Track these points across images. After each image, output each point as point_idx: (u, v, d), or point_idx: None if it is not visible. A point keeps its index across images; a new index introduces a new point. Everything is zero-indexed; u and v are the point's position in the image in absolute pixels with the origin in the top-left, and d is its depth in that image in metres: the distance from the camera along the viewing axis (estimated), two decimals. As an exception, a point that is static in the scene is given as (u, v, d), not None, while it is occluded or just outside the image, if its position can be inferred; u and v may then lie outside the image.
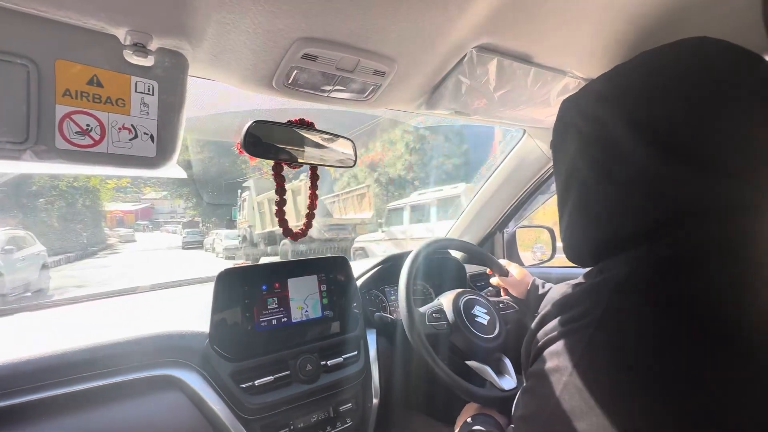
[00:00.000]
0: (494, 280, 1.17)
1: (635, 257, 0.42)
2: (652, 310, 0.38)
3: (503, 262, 1.13)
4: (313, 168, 0.87)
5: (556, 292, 0.52)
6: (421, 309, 0.95)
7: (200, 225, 20.59)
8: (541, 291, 1.04)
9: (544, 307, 0.50)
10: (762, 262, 0.38)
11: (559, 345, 0.42)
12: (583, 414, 0.37)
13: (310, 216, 0.91)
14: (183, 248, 15.88)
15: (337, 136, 0.87)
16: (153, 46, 0.52)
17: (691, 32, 0.71)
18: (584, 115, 0.48)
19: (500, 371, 0.93)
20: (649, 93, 0.42)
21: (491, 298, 1.07)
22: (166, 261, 12.52)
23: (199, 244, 15.93)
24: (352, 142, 0.90)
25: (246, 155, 0.75)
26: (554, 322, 0.44)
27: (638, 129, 0.41)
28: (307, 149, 0.84)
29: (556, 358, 0.42)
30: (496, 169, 1.37)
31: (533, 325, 0.50)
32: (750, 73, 0.39)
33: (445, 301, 0.99)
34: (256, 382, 0.82)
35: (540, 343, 0.46)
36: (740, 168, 0.38)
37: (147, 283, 1.26)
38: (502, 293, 1.17)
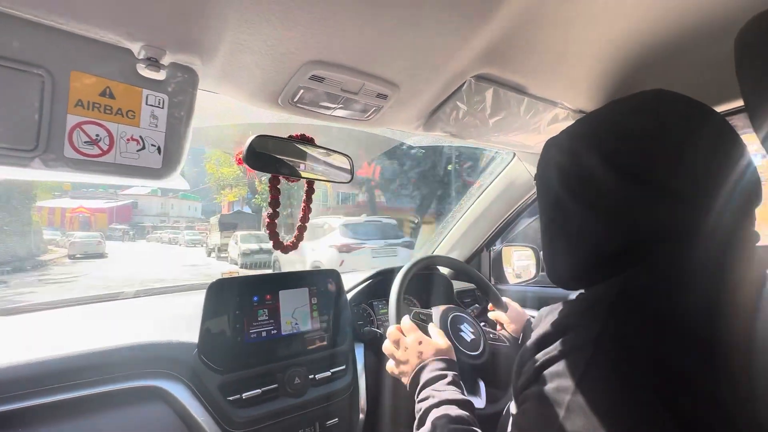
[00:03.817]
0: (493, 315, 1.16)
1: (622, 281, 0.46)
2: (644, 329, 0.41)
3: (505, 299, 1.14)
4: (310, 182, 0.89)
5: (548, 312, 0.54)
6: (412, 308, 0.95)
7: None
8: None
9: (539, 326, 0.51)
10: (728, 281, 0.43)
11: (559, 366, 0.43)
12: (594, 430, 0.38)
13: (301, 228, 0.92)
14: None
15: (335, 152, 0.89)
16: (165, 60, 0.54)
17: (666, 76, 0.78)
18: (564, 152, 0.54)
19: (473, 391, 0.94)
20: (616, 134, 0.49)
21: (486, 329, 1.08)
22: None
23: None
24: (350, 158, 0.92)
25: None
26: (555, 344, 0.46)
27: (610, 164, 0.47)
28: (306, 164, 0.85)
29: (557, 379, 0.43)
30: (485, 189, 1.41)
31: (530, 344, 0.50)
32: (700, 123, 0.47)
33: (435, 311, 1.00)
34: (244, 395, 0.81)
35: (538, 364, 0.46)
36: (696, 199, 0.44)
37: (131, 290, 1.23)
38: (498, 327, 1.16)
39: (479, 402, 0.90)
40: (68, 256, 10.70)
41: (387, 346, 0.82)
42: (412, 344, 0.77)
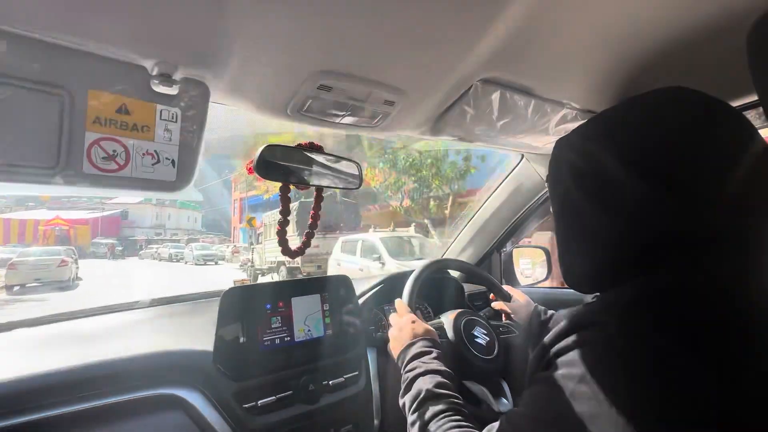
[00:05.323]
0: (496, 305, 1.17)
1: (638, 285, 0.46)
2: (656, 333, 0.41)
3: (506, 288, 1.15)
4: (319, 189, 0.90)
5: (566, 314, 0.54)
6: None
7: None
8: (543, 317, 1.06)
9: (557, 323, 0.52)
10: (751, 287, 0.42)
11: (570, 356, 0.45)
12: (593, 418, 0.40)
13: (309, 235, 0.92)
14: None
15: (344, 158, 0.90)
16: (178, 76, 0.55)
17: (674, 74, 0.77)
18: (577, 151, 0.53)
19: (497, 393, 0.94)
20: (634, 134, 0.47)
21: (492, 322, 1.08)
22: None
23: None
24: (358, 164, 0.93)
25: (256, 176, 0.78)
26: (570, 337, 0.47)
27: (627, 164, 0.46)
28: (315, 172, 0.86)
29: (566, 367, 0.44)
30: (494, 192, 1.41)
31: (546, 339, 0.52)
32: (721, 121, 0.45)
33: (446, 320, 1.00)
34: (259, 403, 0.82)
35: (551, 353, 0.48)
36: (719, 201, 0.43)
37: (146, 298, 1.25)
38: (503, 318, 1.17)
39: (506, 405, 0.89)
40: (6, 289, 6.69)
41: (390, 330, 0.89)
42: (406, 324, 0.85)
